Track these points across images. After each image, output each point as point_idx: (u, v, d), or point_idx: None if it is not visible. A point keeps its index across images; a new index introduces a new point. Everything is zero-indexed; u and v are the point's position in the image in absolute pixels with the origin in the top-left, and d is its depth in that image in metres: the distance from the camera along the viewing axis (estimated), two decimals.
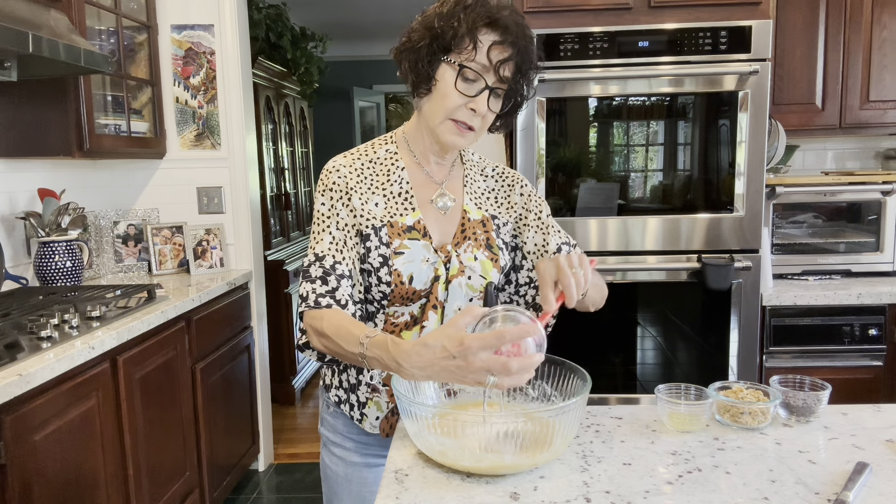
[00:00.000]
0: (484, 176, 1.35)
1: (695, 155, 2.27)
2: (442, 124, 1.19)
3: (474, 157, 1.37)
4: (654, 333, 2.37)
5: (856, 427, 1.17)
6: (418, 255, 1.20)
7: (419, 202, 1.25)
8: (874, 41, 2.52)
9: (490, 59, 1.13)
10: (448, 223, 1.26)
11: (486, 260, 1.25)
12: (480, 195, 1.32)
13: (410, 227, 1.22)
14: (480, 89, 1.15)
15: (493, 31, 1.14)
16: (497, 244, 1.28)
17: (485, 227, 1.28)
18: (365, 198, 1.22)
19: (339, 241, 1.21)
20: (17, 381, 1.48)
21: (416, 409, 1.04)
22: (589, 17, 2.19)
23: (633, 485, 0.98)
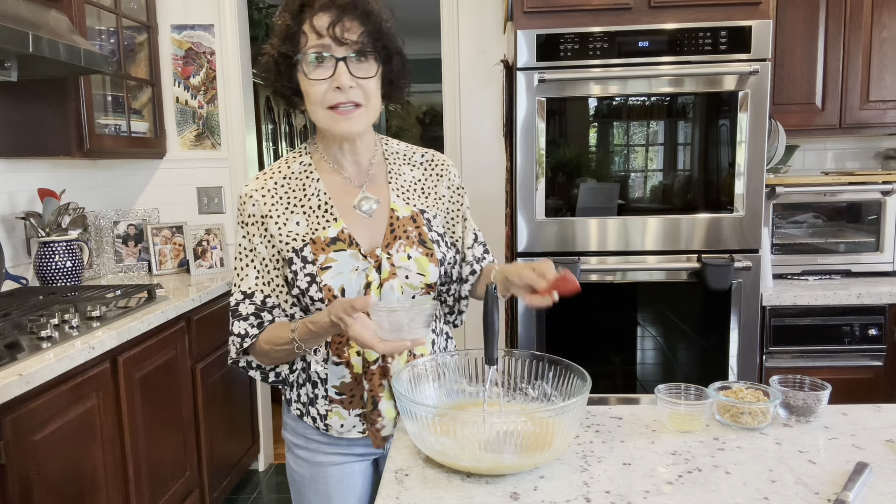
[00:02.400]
0: (412, 165, 1.31)
1: (695, 155, 2.27)
2: (325, 118, 1.18)
3: (400, 148, 1.33)
4: (654, 333, 2.37)
5: (856, 427, 1.17)
6: (346, 265, 1.19)
7: (341, 211, 1.23)
8: (874, 41, 2.52)
9: (321, 31, 1.13)
10: (376, 226, 1.24)
11: (420, 256, 1.22)
12: (408, 189, 1.29)
13: (335, 239, 1.20)
14: (334, 65, 1.14)
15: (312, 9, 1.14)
16: (430, 238, 1.25)
17: (415, 222, 1.25)
18: (283, 220, 1.22)
19: (264, 274, 1.23)
20: (17, 381, 1.48)
21: (416, 409, 1.04)
22: (589, 17, 2.19)
23: (633, 485, 0.98)
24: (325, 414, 1.26)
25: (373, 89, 1.18)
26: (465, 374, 1.24)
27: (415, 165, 1.32)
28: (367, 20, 1.15)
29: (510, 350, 1.26)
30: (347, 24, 1.13)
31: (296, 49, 1.16)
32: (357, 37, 1.14)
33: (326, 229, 1.21)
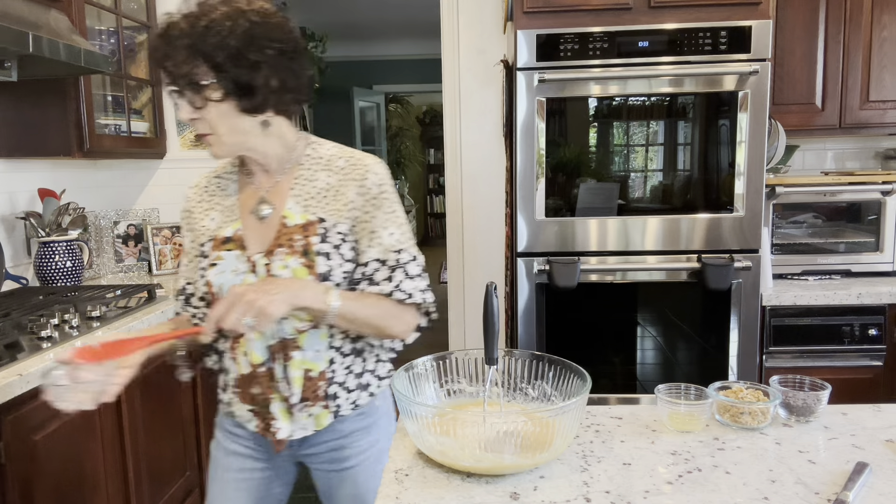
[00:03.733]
0: (329, 171, 1.26)
1: (695, 155, 2.27)
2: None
3: (326, 152, 1.29)
4: (654, 333, 2.37)
5: (856, 427, 1.17)
6: (229, 265, 1.24)
7: (243, 213, 1.27)
8: (874, 41, 2.52)
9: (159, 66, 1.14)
10: (266, 231, 1.25)
11: (299, 267, 1.19)
12: (313, 197, 1.25)
13: (228, 239, 1.26)
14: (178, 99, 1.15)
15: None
16: (316, 250, 1.20)
17: (306, 231, 1.21)
18: (204, 214, 1.31)
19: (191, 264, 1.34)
20: (18, 381, 1.48)
21: (416, 409, 1.04)
22: (589, 17, 2.19)
23: (633, 485, 0.98)
24: (230, 401, 1.33)
25: (214, 117, 1.15)
26: (465, 374, 1.24)
27: (333, 171, 1.26)
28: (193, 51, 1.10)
29: (510, 350, 1.26)
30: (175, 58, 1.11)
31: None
32: (185, 70, 1.11)
33: (226, 228, 1.28)
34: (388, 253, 1.24)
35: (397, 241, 1.25)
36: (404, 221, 1.29)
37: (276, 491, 1.41)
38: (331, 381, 1.26)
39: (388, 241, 1.24)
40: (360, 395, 1.31)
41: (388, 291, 1.22)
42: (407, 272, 1.24)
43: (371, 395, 1.32)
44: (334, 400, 1.27)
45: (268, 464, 1.37)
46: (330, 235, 1.22)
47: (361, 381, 1.30)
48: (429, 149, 10.58)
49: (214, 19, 1.11)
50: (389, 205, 1.26)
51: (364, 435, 1.33)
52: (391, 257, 1.24)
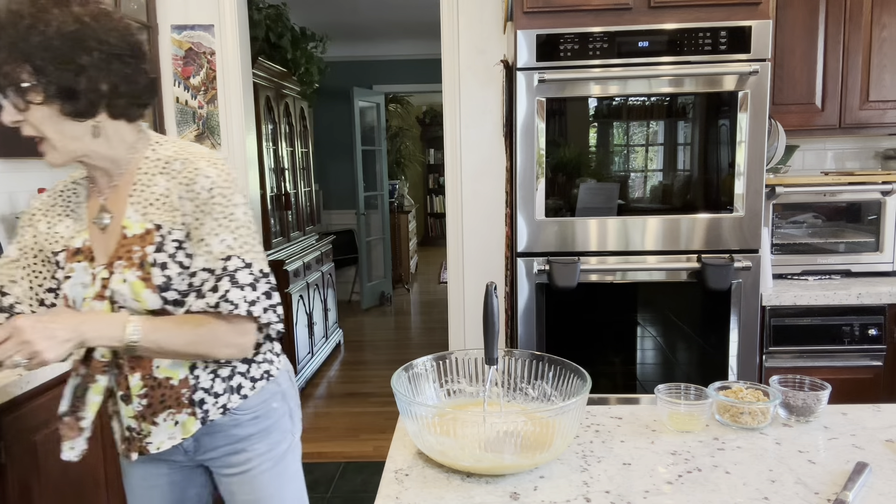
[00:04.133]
0: (167, 175, 1.19)
1: (694, 155, 2.27)
2: None
3: (166, 153, 1.21)
4: (654, 333, 2.37)
5: (855, 427, 1.17)
6: (79, 278, 1.19)
7: (88, 222, 1.22)
8: (874, 41, 2.52)
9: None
10: (109, 242, 1.19)
11: (136, 281, 1.14)
12: (153, 203, 1.18)
13: (79, 250, 1.21)
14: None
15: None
16: (150, 261, 1.14)
17: (143, 241, 1.16)
18: (56, 220, 1.25)
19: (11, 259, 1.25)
20: (18, 382, 1.48)
21: (416, 409, 1.04)
22: (589, 17, 2.19)
23: (633, 485, 0.98)
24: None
25: (38, 121, 1.10)
26: (465, 374, 1.24)
27: (170, 174, 1.19)
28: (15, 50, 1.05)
29: (510, 350, 1.27)
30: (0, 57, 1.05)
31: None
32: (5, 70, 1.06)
33: (76, 239, 1.23)
34: (216, 261, 1.15)
35: (227, 248, 1.15)
36: (242, 226, 1.18)
37: (191, 493, 1.39)
38: (195, 388, 1.23)
39: (218, 248, 1.16)
40: (231, 398, 1.26)
41: (213, 303, 1.14)
42: (235, 280, 1.15)
43: (244, 397, 1.27)
44: (201, 406, 1.24)
45: (172, 467, 1.35)
46: (166, 244, 1.16)
47: (231, 385, 1.26)
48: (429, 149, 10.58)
49: (41, 18, 1.05)
50: (222, 209, 1.16)
51: (262, 438, 1.31)
52: (218, 265, 1.15)
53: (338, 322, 5.21)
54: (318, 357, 4.56)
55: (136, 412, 1.23)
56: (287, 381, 1.38)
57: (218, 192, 1.16)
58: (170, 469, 1.34)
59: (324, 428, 3.65)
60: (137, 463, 1.33)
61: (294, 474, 1.39)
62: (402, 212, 7.57)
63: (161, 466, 1.34)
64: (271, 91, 4.19)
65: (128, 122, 1.20)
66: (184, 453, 1.30)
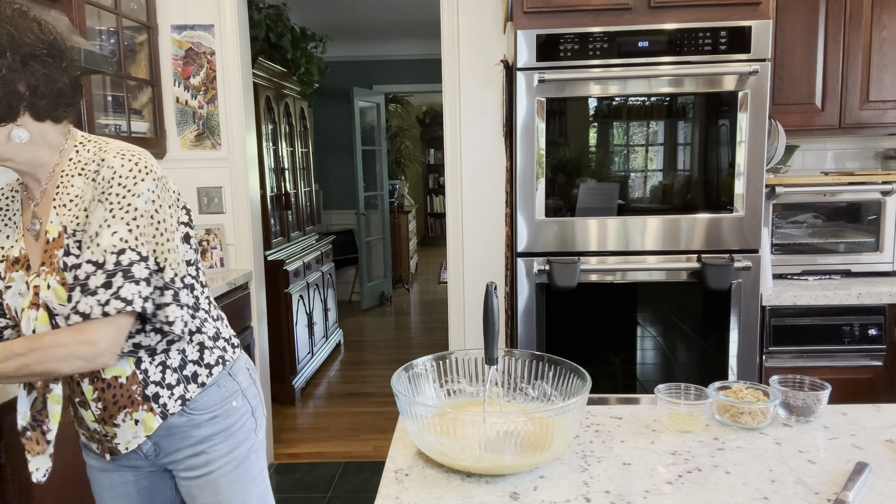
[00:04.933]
0: (84, 175, 1.14)
1: (694, 155, 2.27)
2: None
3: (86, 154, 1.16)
4: (654, 333, 2.37)
5: (855, 427, 1.17)
6: (18, 287, 1.16)
7: (24, 229, 1.19)
8: (874, 41, 2.52)
9: None
10: (39, 248, 1.16)
11: (57, 286, 1.10)
12: (66, 204, 1.14)
13: (17, 259, 1.17)
14: None
15: None
16: (61, 265, 1.10)
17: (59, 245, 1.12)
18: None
19: None
20: None
21: (416, 409, 1.04)
22: (589, 17, 2.19)
23: (633, 485, 0.98)
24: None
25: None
26: (465, 374, 1.24)
27: (85, 174, 1.13)
28: None
29: (510, 350, 1.27)
30: None
31: None
32: None
33: (13, 248, 1.20)
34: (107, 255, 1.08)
35: (120, 240, 1.08)
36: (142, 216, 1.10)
37: (160, 500, 1.38)
38: (145, 383, 1.20)
39: (108, 240, 1.08)
40: (188, 387, 1.23)
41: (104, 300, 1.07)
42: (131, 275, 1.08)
43: (202, 384, 1.24)
44: (157, 401, 1.21)
45: (137, 474, 1.34)
46: (71, 245, 1.12)
47: (185, 374, 1.23)
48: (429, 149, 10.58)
49: None
50: (118, 199, 1.09)
51: (223, 439, 1.28)
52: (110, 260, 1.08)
53: (338, 322, 5.21)
54: (318, 357, 4.56)
55: (96, 416, 1.22)
56: (247, 378, 1.34)
57: (117, 183, 1.09)
58: (135, 476, 1.33)
59: (324, 428, 3.65)
60: (102, 472, 1.34)
61: (258, 475, 1.36)
62: (402, 212, 7.57)
63: (126, 474, 1.33)
64: (271, 91, 4.19)
65: (54, 124, 1.15)
66: (144, 458, 1.28)
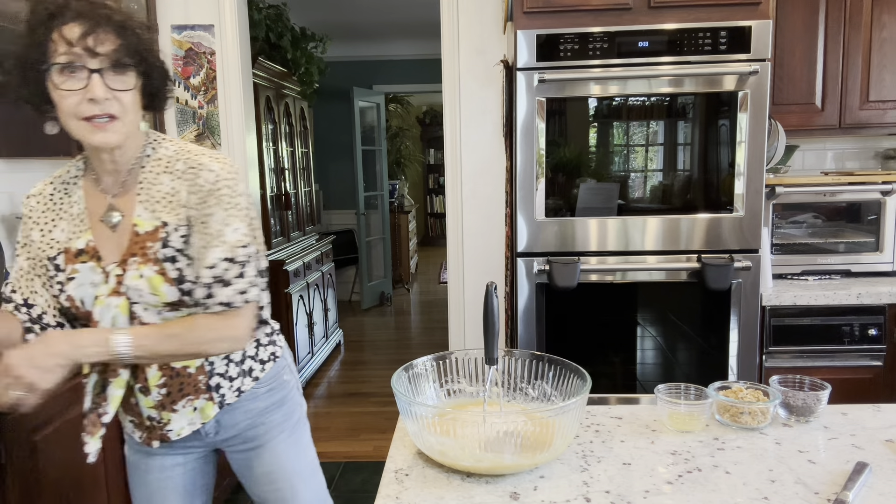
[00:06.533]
0: (171, 174, 1.23)
1: (694, 155, 2.27)
2: (78, 129, 1.14)
3: (167, 153, 1.25)
4: (654, 333, 2.37)
5: (855, 427, 1.17)
6: (86, 277, 1.20)
7: (92, 222, 1.22)
8: (874, 41, 2.52)
9: (72, 41, 1.09)
10: (119, 240, 1.21)
11: (153, 275, 1.17)
12: (159, 200, 1.22)
13: (81, 251, 1.21)
14: (87, 77, 1.10)
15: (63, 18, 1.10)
16: (161, 256, 1.18)
17: (154, 238, 1.19)
18: (50, 226, 1.24)
19: (25, 271, 1.25)
20: None
21: (416, 409, 1.04)
22: (589, 17, 2.19)
23: (633, 485, 0.98)
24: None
25: (129, 102, 1.15)
26: (465, 374, 1.24)
27: (175, 174, 1.23)
28: (122, 33, 1.12)
29: (510, 350, 1.27)
30: (102, 36, 1.10)
31: (44, 58, 1.11)
32: (112, 49, 1.11)
33: (77, 240, 1.22)
34: (235, 250, 1.20)
35: (243, 236, 1.21)
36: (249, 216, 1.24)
37: (199, 483, 1.42)
38: (211, 374, 1.28)
39: (233, 237, 1.20)
40: (244, 381, 1.32)
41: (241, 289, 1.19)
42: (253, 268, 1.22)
43: (255, 379, 1.34)
44: (217, 391, 1.29)
45: (186, 457, 1.39)
46: (171, 239, 1.19)
47: (243, 368, 1.32)
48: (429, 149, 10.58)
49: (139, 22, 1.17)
50: (229, 199, 1.20)
51: (277, 408, 1.38)
52: (239, 254, 1.20)
53: (338, 322, 5.21)
54: (318, 357, 4.56)
55: (156, 402, 1.27)
56: (290, 357, 1.47)
57: (224, 185, 1.20)
58: (185, 459, 1.38)
59: (324, 428, 3.65)
60: (151, 456, 1.36)
61: (308, 443, 1.47)
62: (402, 212, 7.57)
63: (177, 457, 1.38)
64: (271, 91, 4.19)
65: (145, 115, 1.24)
66: (203, 437, 1.34)
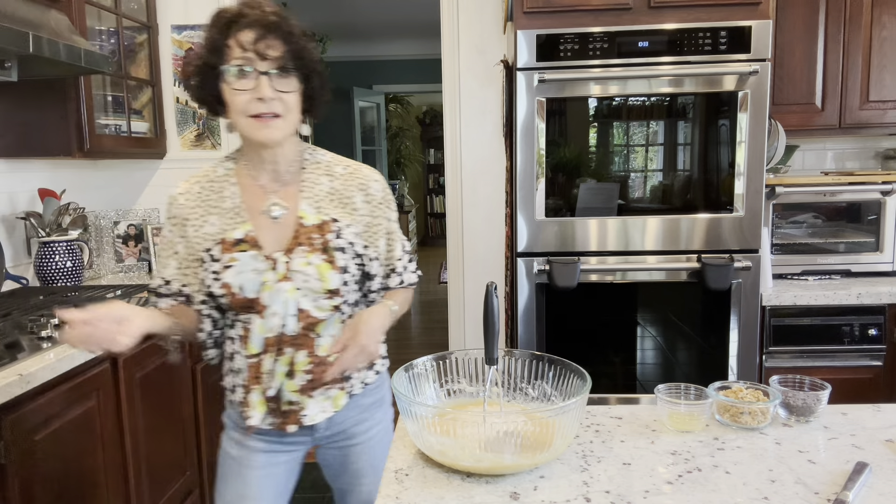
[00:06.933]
0: (331, 176, 1.37)
1: (694, 155, 2.27)
2: (246, 126, 1.26)
3: (325, 158, 1.40)
4: (654, 333, 2.37)
5: (855, 427, 1.17)
6: (247, 265, 1.29)
7: (250, 214, 1.33)
8: (874, 41, 2.52)
9: (245, 46, 1.21)
10: (282, 231, 1.32)
11: (321, 263, 1.29)
12: (322, 198, 1.35)
13: (240, 240, 1.30)
14: (256, 78, 1.22)
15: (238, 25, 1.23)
16: (334, 246, 1.31)
17: (322, 230, 1.31)
18: (201, 221, 1.34)
19: (184, 266, 1.36)
20: (18, 381, 1.48)
21: (416, 409, 1.04)
22: (589, 17, 2.19)
23: (632, 485, 0.98)
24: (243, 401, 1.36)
25: (292, 103, 1.27)
26: (465, 374, 1.24)
27: (334, 177, 1.37)
28: (288, 39, 1.24)
29: (510, 350, 1.27)
30: (270, 42, 1.22)
31: (221, 61, 1.23)
32: (279, 54, 1.23)
33: (234, 231, 1.31)
34: (405, 243, 1.46)
35: (402, 237, 1.45)
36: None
37: (290, 486, 1.48)
38: None
39: (399, 236, 1.44)
40: (368, 374, 1.42)
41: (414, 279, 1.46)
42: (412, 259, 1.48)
43: (377, 372, 1.45)
44: (349, 381, 1.38)
45: (289, 455, 1.43)
46: (344, 234, 1.32)
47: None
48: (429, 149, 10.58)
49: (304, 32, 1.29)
50: (392, 205, 1.42)
51: (379, 406, 1.47)
52: (407, 246, 1.46)
53: None
54: None
55: (299, 386, 1.33)
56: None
57: (387, 194, 1.41)
58: (286, 458, 1.43)
59: None
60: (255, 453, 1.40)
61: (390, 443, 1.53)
62: (402, 212, 7.57)
63: (280, 455, 1.42)
64: None
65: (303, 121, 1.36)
66: (312, 434, 1.40)
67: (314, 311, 1.30)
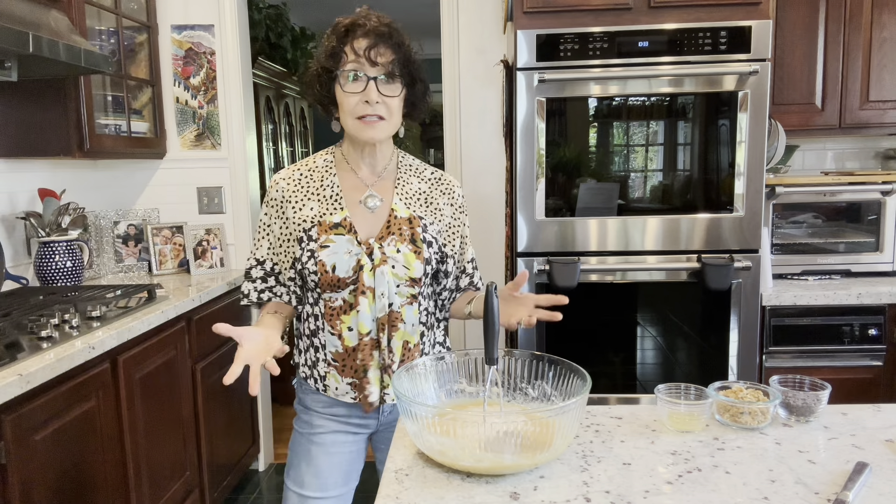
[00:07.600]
0: (420, 179, 1.51)
1: (694, 155, 2.27)
2: (353, 126, 1.38)
3: (414, 163, 1.54)
4: (654, 333, 2.37)
5: (855, 427, 1.17)
6: (342, 247, 1.39)
7: (348, 203, 1.44)
8: (874, 41, 2.52)
9: (359, 53, 1.34)
10: (376, 220, 1.44)
11: (409, 252, 1.40)
12: (411, 196, 1.48)
13: (337, 224, 1.41)
14: (365, 82, 1.34)
15: (354, 34, 1.36)
16: (421, 238, 1.43)
17: (411, 224, 1.44)
18: (301, 205, 1.44)
19: (276, 247, 1.47)
20: (18, 381, 1.48)
21: (416, 409, 1.04)
22: (589, 17, 2.19)
23: (632, 485, 0.98)
24: (324, 375, 1.45)
25: (395, 107, 1.38)
26: (465, 374, 1.24)
27: (423, 180, 1.51)
28: (398, 49, 1.36)
29: (510, 350, 1.27)
30: (381, 50, 1.34)
31: (336, 65, 1.37)
32: (388, 61, 1.35)
33: (333, 215, 1.42)
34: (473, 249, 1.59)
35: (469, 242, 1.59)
36: None
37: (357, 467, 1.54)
38: (422, 352, 1.46)
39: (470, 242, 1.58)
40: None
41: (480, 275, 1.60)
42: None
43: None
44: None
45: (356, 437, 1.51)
46: (428, 230, 1.45)
47: (434, 351, 1.53)
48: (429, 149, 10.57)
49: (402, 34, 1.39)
50: (466, 211, 1.57)
51: None
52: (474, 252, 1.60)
53: None
54: None
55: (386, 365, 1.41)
56: None
57: (465, 202, 1.56)
58: (354, 438, 1.50)
59: None
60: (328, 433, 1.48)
61: None
62: None
63: (348, 435, 1.49)
64: (271, 91, 4.19)
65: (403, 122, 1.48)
66: (379, 416, 1.48)
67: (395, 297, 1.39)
